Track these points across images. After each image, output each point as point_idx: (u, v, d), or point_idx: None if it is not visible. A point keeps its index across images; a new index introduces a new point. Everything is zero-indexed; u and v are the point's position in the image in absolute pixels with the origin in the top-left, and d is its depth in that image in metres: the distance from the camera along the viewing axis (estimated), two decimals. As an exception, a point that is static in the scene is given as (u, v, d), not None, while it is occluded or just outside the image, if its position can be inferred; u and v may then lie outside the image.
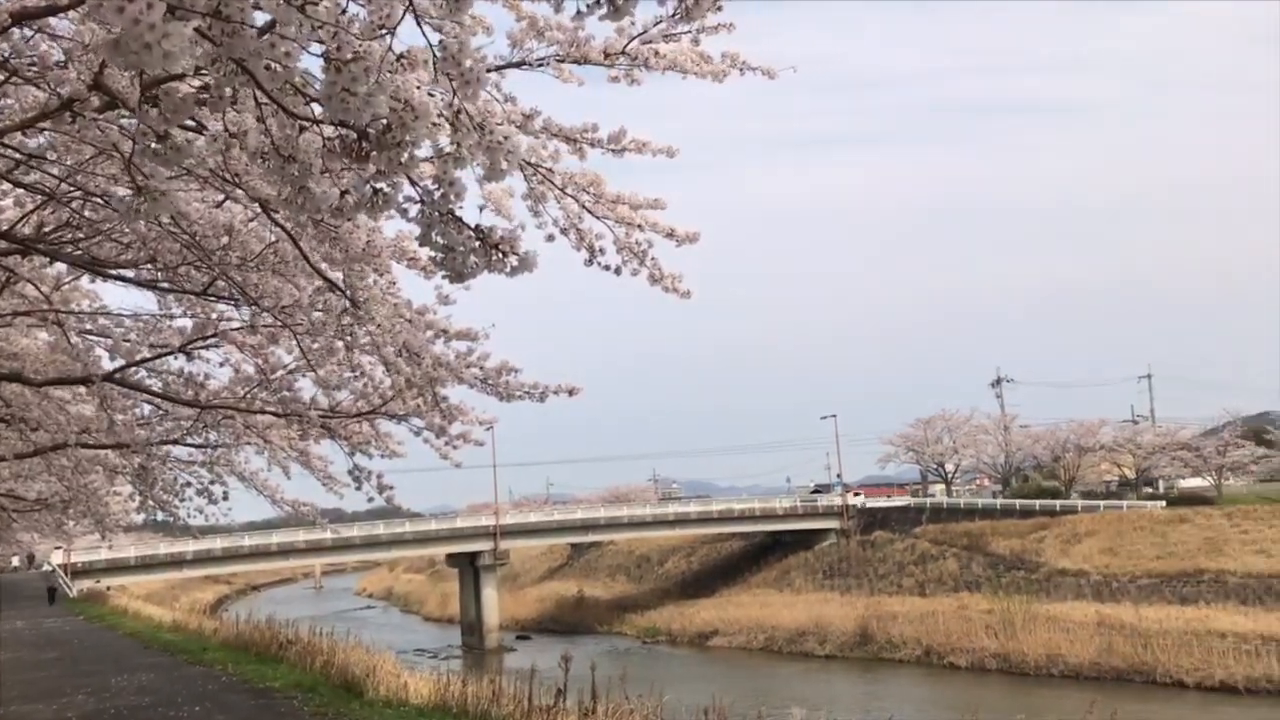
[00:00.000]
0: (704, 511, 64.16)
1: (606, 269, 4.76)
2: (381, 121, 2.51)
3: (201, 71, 2.53)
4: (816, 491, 70.62)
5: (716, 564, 65.07)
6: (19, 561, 61.35)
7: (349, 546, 59.42)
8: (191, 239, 5.12)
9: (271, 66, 2.36)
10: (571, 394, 7.09)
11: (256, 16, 2.25)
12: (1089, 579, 44.96)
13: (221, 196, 5.00)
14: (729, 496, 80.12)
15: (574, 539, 67.87)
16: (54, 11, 3.09)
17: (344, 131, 2.62)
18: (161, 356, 7.67)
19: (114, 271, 6.13)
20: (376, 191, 2.72)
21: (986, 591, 47.10)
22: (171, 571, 54.90)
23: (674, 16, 3.39)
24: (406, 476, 10.13)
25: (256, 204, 4.67)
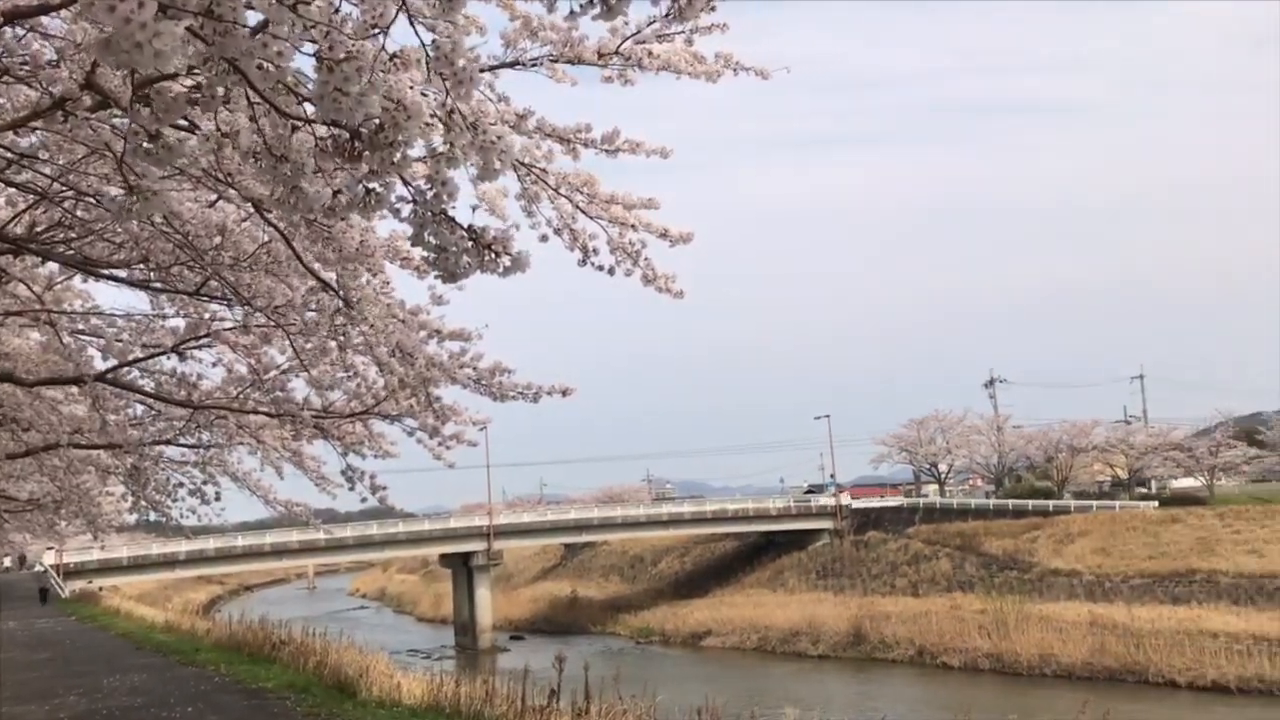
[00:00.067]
0: (698, 512, 64.11)
1: (600, 269, 4.77)
2: (374, 121, 2.51)
3: (194, 71, 2.53)
4: (810, 492, 70.69)
5: (710, 564, 65.07)
6: (11, 562, 61.24)
7: (342, 547, 59.30)
8: (184, 239, 5.11)
9: (264, 66, 2.35)
10: (565, 394, 7.09)
11: (249, 16, 2.24)
12: (1082, 579, 45.07)
13: (214, 196, 4.99)
14: (723, 497, 79.97)
15: (568, 539, 67.87)
16: (46, 10, 3.08)
17: (336, 131, 2.62)
18: (154, 356, 7.66)
19: (106, 271, 6.11)
20: (369, 191, 2.72)
21: (979, 591, 47.15)
22: (164, 572, 54.78)
23: (667, 17, 3.40)
24: (400, 477, 10.14)
25: (249, 204, 4.67)
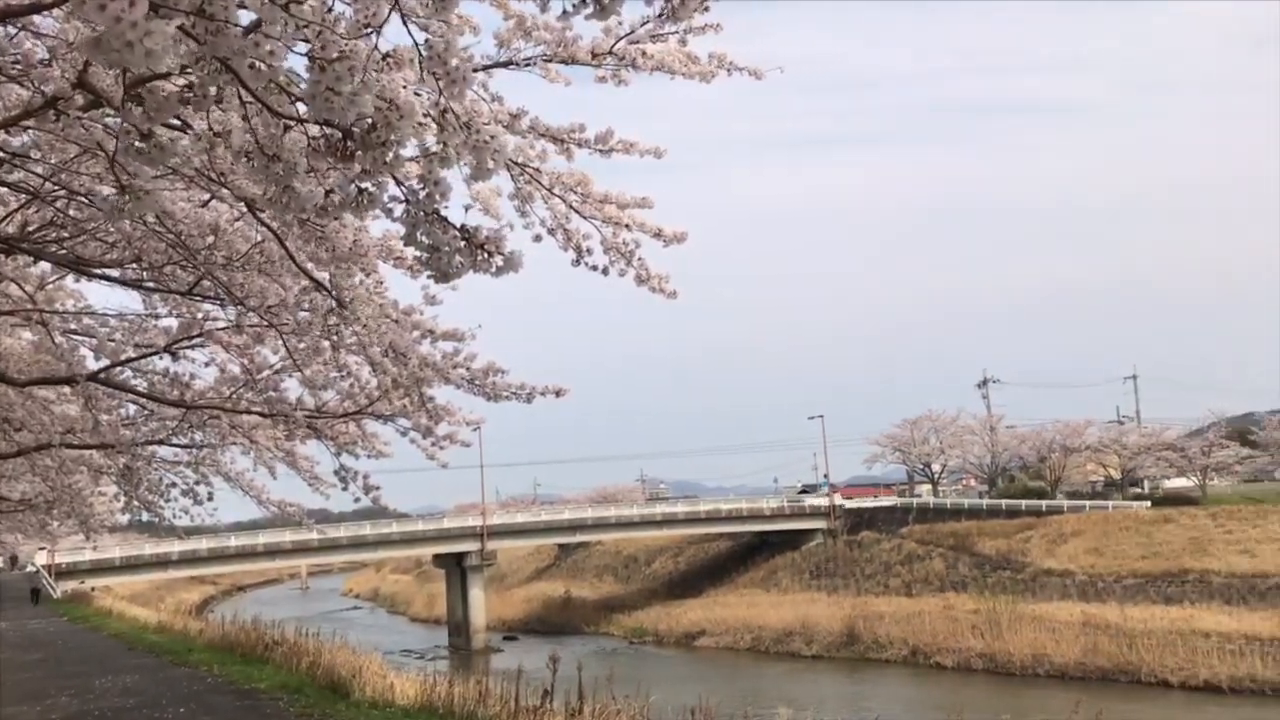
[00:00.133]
0: (691, 512, 64.10)
1: (594, 269, 4.76)
2: (366, 121, 2.50)
3: (186, 70, 2.52)
4: (804, 492, 70.72)
5: (704, 564, 65.08)
6: (3, 563, 60.97)
7: (335, 547, 59.24)
8: (176, 238, 5.10)
9: (256, 65, 2.35)
10: (559, 394, 7.08)
11: (241, 15, 2.24)
12: (1074, 579, 45.15)
13: (207, 196, 4.98)
14: (716, 497, 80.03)
15: (561, 539, 67.83)
16: (38, 9, 3.07)
17: (329, 131, 2.62)
18: (146, 356, 7.64)
19: (99, 271, 6.10)
20: (361, 191, 2.71)
21: (972, 591, 47.24)
22: (157, 572, 54.61)
23: (661, 17, 3.39)
24: (393, 477, 10.11)
25: (242, 203, 4.66)
